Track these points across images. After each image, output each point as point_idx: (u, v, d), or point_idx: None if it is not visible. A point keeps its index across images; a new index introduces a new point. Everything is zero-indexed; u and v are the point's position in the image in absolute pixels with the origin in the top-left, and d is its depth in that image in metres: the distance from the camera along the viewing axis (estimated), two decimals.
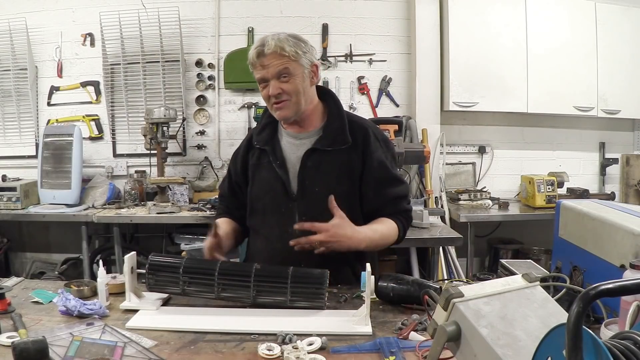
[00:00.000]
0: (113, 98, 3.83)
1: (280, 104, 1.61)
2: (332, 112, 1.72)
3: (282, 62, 1.57)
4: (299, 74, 1.60)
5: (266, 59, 1.57)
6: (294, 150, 1.69)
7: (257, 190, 1.73)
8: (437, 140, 3.77)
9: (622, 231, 1.26)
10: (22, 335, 1.18)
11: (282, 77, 1.58)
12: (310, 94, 1.68)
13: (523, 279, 0.92)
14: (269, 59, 1.57)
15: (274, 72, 1.58)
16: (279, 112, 1.64)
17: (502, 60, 3.66)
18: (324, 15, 3.85)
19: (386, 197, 1.70)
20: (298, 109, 1.64)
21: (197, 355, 1.14)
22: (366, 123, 1.76)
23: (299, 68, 1.60)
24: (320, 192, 1.63)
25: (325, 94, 1.77)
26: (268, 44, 1.57)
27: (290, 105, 1.62)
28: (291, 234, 1.63)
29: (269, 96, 1.61)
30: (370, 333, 1.26)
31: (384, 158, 1.70)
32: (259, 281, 1.41)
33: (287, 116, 1.65)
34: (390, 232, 1.68)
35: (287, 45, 1.57)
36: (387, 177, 1.70)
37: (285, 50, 1.56)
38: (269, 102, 1.64)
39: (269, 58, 1.57)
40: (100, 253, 3.62)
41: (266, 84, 1.61)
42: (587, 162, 4.13)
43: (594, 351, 0.63)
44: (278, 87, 1.59)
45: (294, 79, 1.60)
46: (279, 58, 1.57)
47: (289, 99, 1.61)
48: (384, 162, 1.70)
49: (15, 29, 3.69)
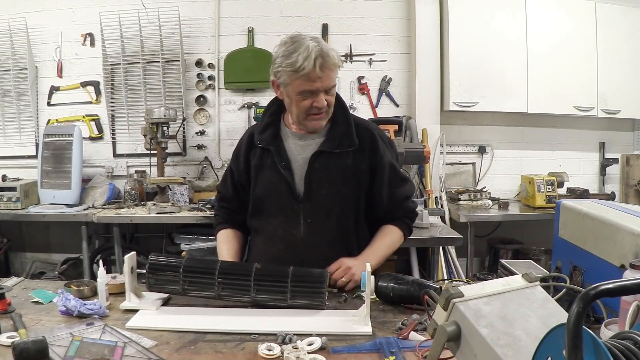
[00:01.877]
0: (113, 98, 3.83)
1: (320, 116, 1.62)
2: (338, 114, 1.71)
3: (334, 75, 1.58)
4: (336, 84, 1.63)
5: (327, 71, 1.54)
6: (300, 152, 1.68)
7: (260, 191, 1.71)
8: (437, 140, 3.77)
9: (622, 231, 1.26)
10: (22, 335, 1.18)
11: (330, 91, 1.59)
12: None
13: (523, 279, 0.92)
14: (328, 71, 1.55)
15: (329, 86, 1.57)
16: (315, 122, 1.63)
17: (502, 60, 3.66)
18: (324, 15, 3.85)
19: (396, 198, 1.72)
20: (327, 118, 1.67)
21: (197, 355, 1.14)
22: (370, 125, 1.77)
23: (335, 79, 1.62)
24: (327, 194, 1.64)
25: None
26: (329, 57, 1.53)
27: (326, 116, 1.64)
28: (295, 235, 1.65)
29: (311, 107, 1.59)
30: (370, 333, 1.26)
31: (392, 160, 1.73)
32: (259, 281, 1.41)
33: (321, 127, 1.67)
34: (394, 239, 1.74)
35: (336, 55, 1.57)
36: (396, 178, 1.73)
37: (340, 61, 1.58)
38: (306, 113, 1.61)
39: (329, 70, 1.55)
40: (100, 253, 3.62)
41: (309, 96, 1.57)
42: (587, 162, 4.13)
43: (594, 351, 0.63)
44: (325, 99, 1.58)
45: (334, 90, 1.62)
46: (334, 71, 1.57)
47: (328, 111, 1.63)
48: (393, 164, 1.72)
49: (15, 29, 3.69)
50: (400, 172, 1.77)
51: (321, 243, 1.64)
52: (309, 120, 1.62)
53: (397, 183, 1.73)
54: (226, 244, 1.77)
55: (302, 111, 1.61)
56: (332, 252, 1.60)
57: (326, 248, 1.64)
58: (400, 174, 1.77)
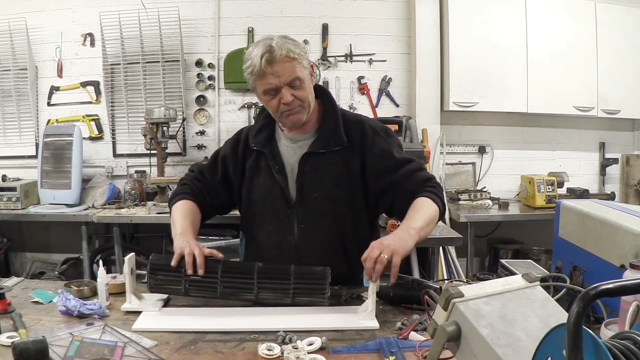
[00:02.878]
0: (113, 98, 3.83)
1: (294, 110, 1.55)
2: (327, 112, 1.67)
3: (293, 67, 1.50)
4: (305, 77, 1.55)
5: (277, 64, 1.48)
6: (292, 154, 1.65)
7: (255, 196, 1.67)
8: (437, 140, 3.77)
9: (622, 231, 1.26)
10: (22, 335, 1.18)
11: (294, 85, 1.52)
12: (313, 94, 1.62)
13: (523, 279, 0.92)
14: (279, 64, 1.48)
15: (287, 81, 1.50)
16: (291, 117, 1.57)
17: (502, 60, 3.66)
18: (324, 15, 3.85)
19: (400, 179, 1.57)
20: (308, 113, 1.59)
21: (197, 355, 1.14)
22: (361, 118, 1.70)
23: (304, 70, 1.54)
24: (319, 198, 1.60)
25: (321, 92, 1.71)
26: (275, 48, 1.47)
27: (302, 110, 1.57)
28: (289, 241, 1.62)
29: (279, 105, 1.54)
30: (377, 327, 1.27)
31: (386, 147, 1.62)
32: (261, 279, 1.41)
33: (300, 121, 1.59)
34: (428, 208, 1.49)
35: (292, 46, 1.50)
36: (393, 163, 1.60)
37: (293, 52, 1.49)
38: (278, 112, 1.56)
39: (280, 63, 1.48)
40: (100, 253, 3.62)
41: (274, 95, 1.53)
42: (587, 162, 4.12)
43: (594, 351, 0.63)
44: (291, 94, 1.52)
45: (304, 83, 1.54)
46: (289, 63, 1.49)
47: (302, 104, 1.55)
48: (386, 150, 1.61)
49: (15, 29, 3.69)
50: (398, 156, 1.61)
51: (316, 248, 1.60)
52: (285, 118, 1.57)
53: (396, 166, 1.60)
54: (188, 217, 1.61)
55: (274, 111, 1.58)
56: (328, 257, 1.55)
57: (322, 253, 1.59)
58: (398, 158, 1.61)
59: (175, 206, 1.67)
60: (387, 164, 1.60)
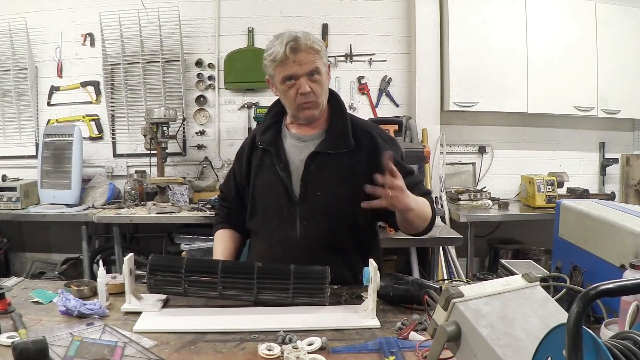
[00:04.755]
0: (113, 98, 3.83)
1: (309, 104, 1.59)
2: (335, 114, 1.70)
3: (315, 59, 1.55)
4: (324, 72, 1.59)
5: (301, 54, 1.53)
6: (298, 153, 1.67)
7: (258, 192, 1.70)
8: (437, 140, 3.77)
9: (622, 231, 1.26)
10: (22, 335, 1.18)
11: (313, 76, 1.56)
12: (327, 94, 1.67)
13: (523, 279, 0.93)
14: (303, 54, 1.53)
15: (307, 70, 1.55)
16: (307, 111, 1.61)
17: (502, 60, 3.66)
18: (324, 15, 3.85)
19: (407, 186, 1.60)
20: (321, 109, 1.64)
21: (197, 355, 1.14)
22: (369, 126, 1.74)
23: (323, 66, 1.59)
24: (323, 196, 1.62)
25: (329, 95, 1.72)
26: (300, 39, 1.53)
27: (316, 105, 1.61)
28: (292, 238, 1.63)
29: (296, 96, 1.58)
30: (378, 326, 1.27)
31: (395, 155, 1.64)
32: (261, 279, 1.41)
33: (313, 117, 1.64)
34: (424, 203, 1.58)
35: (316, 40, 1.56)
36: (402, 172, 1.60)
37: (317, 44, 1.55)
38: (295, 102, 1.60)
39: (303, 53, 1.53)
40: (100, 253, 3.62)
41: (293, 83, 1.57)
42: (587, 162, 4.13)
43: (594, 351, 0.63)
44: (308, 85, 1.56)
45: (321, 77, 1.58)
46: (312, 54, 1.55)
47: (316, 99, 1.59)
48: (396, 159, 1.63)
49: (15, 29, 3.69)
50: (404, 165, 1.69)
51: (318, 245, 1.62)
52: (300, 110, 1.62)
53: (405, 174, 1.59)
54: (222, 244, 1.76)
55: (291, 102, 1.62)
56: (329, 256, 1.57)
57: (323, 251, 1.61)
58: (407, 168, 1.68)
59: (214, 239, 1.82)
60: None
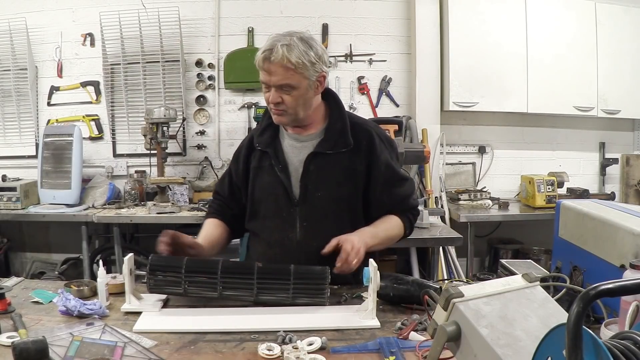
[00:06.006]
0: (113, 98, 3.83)
1: (278, 111, 1.60)
2: (334, 114, 1.69)
3: (286, 75, 1.52)
4: (302, 87, 1.55)
5: (272, 65, 1.52)
6: (296, 154, 1.67)
7: (258, 194, 1.70)
8: (437, 140, 3.77)
9: (622, 231, 1.26)
10: (22, 335, 1.18)
11: (284, 89, 1.55)
12: (312, 102, 1.63)
13: (523, 279, 0.93)
14: (274, 67, 1.52)
15: (276, 83, 1.54)
16: (275, 116, 1.63)
17: (502, 60, 3.66)
18: (324, 15, 3.85)
19: (395, 197, 1.69)
20: (296, 118, 1.62)
21: (197, 355, 1.14)
22: (369, 125, 1.74)
23: (303, 81, 1.55)
24: (323, 197, 1.62)
25: (327, 94, 1.72)
26: (276, 51, 1.50)
27: (286, 115, 1.60)
28: (291, 239, 1.64)
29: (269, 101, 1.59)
30: (378, 326, 1.27)
31: (389, 159, 1.69)
32: (261, 279, 1.41)
33: (283, 123, 1.66)
34: (393, 227, 1.69)
35: (295, 56, 1.50)
36: (394, 178, 1.69)
37: (291, 62, 1.50)
38: (269, 106, 1.62)
39: (274, 66, 1.52)
40: (100, 253, 3.61)
41: (269, 88, 1.58)
42: (587, 162, 4.13)
43: (594, 351, 0.63)
44: (278, 96, 1.56)
45: (296, 91, 1.55)
46: (284, 69, 1.51)
47: (286, 109, 1.58)
48: (390, 163, 1.69)
49: (15, 29, 3.69)
50: (399, 171, 1.74)
51: (318, 246, 1.60)
52: (273, 114, 1.62)
53: (396, 182, 1.70)
54: (205, 230, 1.73)
55: (266, 102, 1.63)
56: (329, 256, 1.55)
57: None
58: (400, 173, 1.73)
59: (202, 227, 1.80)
60: (390, 177, 1.69)
